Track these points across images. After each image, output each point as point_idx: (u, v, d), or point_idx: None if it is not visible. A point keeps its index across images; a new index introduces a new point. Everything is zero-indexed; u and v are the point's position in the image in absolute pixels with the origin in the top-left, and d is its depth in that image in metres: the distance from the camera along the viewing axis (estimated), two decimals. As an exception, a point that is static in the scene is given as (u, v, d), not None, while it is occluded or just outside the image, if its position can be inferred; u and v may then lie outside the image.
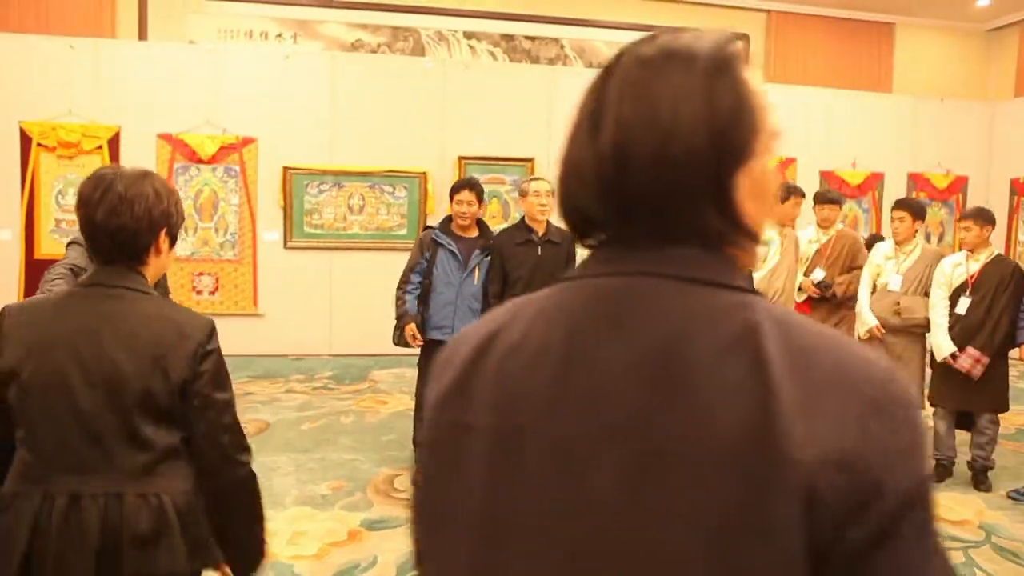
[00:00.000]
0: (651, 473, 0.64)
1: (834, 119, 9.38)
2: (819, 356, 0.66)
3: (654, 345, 0.67)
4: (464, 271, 4.30)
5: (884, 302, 4.79)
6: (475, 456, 0.73)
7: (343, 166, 8.00)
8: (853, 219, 9.34)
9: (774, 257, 4.86)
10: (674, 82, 0.72)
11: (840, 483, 0.62)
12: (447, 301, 4.26)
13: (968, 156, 9.69)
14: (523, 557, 0.68)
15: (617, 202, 0.73)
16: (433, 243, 4.30)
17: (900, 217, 4.81)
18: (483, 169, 8.26)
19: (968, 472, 4.66)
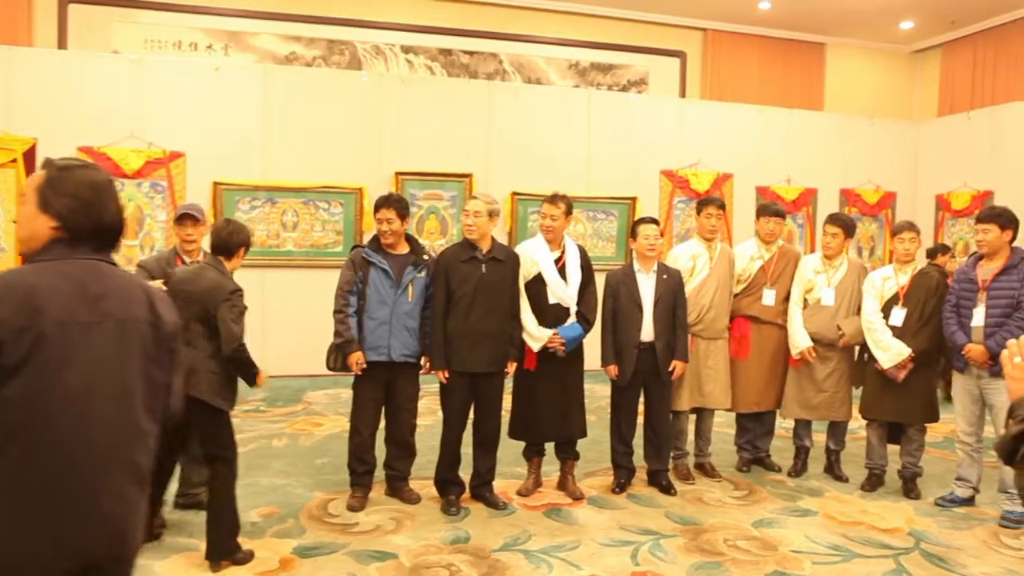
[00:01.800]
0: (124, 333, 1.77)
1: (769, 136, 9.66)
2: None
3: (112, 284, 1.80)
4: (397, 289, 4.24)
5: (819, 317, 4.94)
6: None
7: (276, 181, 7.90)
8: (788, 234, 9.60)
9: (702, 271, 4.95)
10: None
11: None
12: (382, 320, 4.22)
13: (896, 173, 10.09)
14: (82, 388, 1.70)
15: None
16: (364, 262, 4.26)
17: (833, 232, 4.96)
18: (421, 184, 8.25)
19: (899, 481, 4.83)
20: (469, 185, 8.39)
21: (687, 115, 9.40)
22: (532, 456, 4.69)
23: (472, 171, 8.44)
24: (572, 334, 4.40)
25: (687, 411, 4.97)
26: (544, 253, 4.46)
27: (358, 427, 4.32)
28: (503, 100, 8.73)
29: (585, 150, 8.96)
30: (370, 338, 4.23)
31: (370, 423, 4.33)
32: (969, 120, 9.65)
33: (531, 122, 8.77)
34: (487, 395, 4.36)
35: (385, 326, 4.23)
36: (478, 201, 4.34)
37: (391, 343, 4.23)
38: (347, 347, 4.21)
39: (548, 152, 8.75)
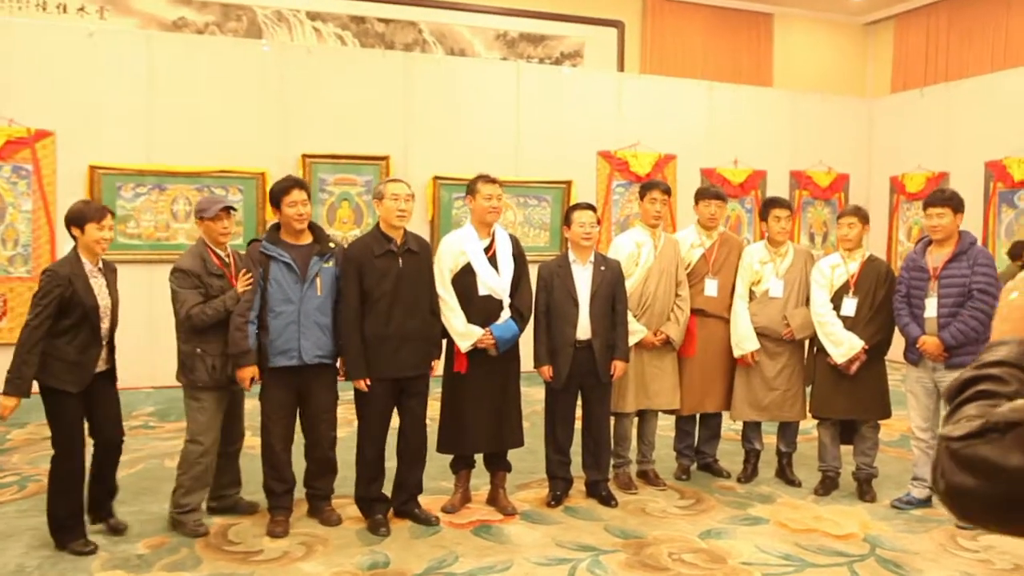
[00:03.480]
0: None
1: (714, 113, 9.88)
2: None
3: None
4: (304, 283, 4.19)
5: (768, 310, 5.08)
6: None
7: (164, 165, 7.70)
8: (736, 220, 9.86)
9: (647, 261, 5.03)
10: None
11: None
12: (289, 320, 4.16)
13: (848, 153, 10.46)
14: None
15: None
16: (264, 256, 4.20)
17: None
18: (332, 168, 8.16)
19: (853, 483, 5.01)
20: (386, 169, 8.34)
21: (626, 91, 9.54)
22: (460, 468, 4.69)
23: (389, 153, 8.39)
24: (506, 334, 4.43)
25: (632, 414, 5.04)
26: (473, 241, 4.47)
27: (270, 442, 4.26)
28: (423, 74, 8.69)
29: (514, 130, 9.00)
30: (277, 341, 4.16)
31: (284, 436, 4.27)
32: (922, 97, 10.07)
33: (454, 99, 8.76)
34: (413, 401, 4.36)
35: (293, 325, 4.17)
36: (402, 184, 4.34)
37: (301, 344, 4.17)
38: (242, 359, 4.13)
39: (473, 132, 8.76)
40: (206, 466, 4.20)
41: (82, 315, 3.89)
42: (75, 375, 3.91)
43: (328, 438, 4.37)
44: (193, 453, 4.18)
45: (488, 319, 4.42)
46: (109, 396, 4.13)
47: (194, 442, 4.18)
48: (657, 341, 4.95)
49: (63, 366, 3.89)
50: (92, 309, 3.91)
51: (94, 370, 3.97)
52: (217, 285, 4.14)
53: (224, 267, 4.21)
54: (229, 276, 4.20)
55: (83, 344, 3.92)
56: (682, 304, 5.04)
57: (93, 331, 3.94)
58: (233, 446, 4.46)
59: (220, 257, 4.23)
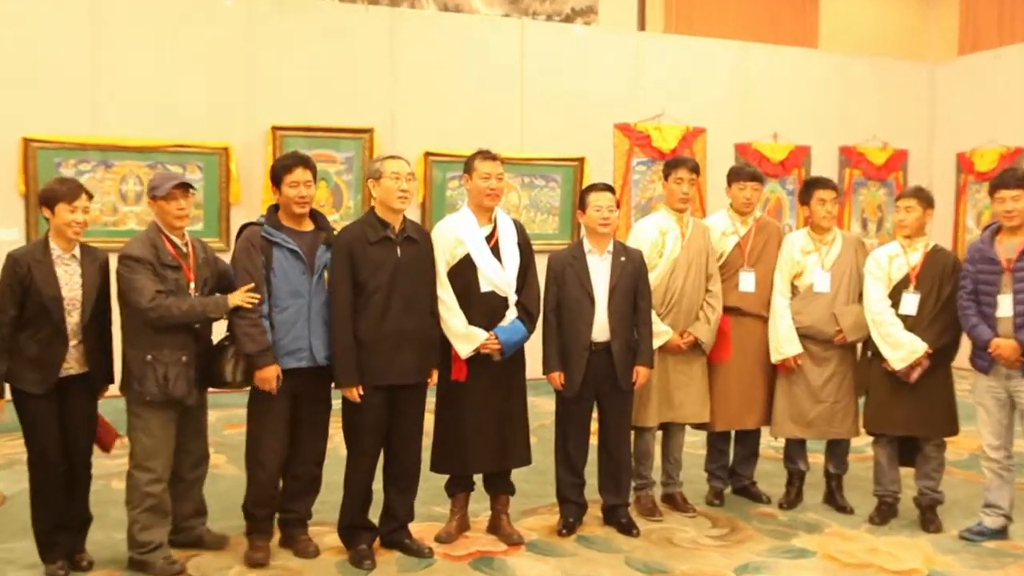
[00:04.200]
0: None
1: (751, 81, 9.86)
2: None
3: None
4: (313, 275, 4.23)
5: (814, 308, 5.06)
6: None
7: (112, 138, 7.69)
8: (776, 204, 9.85)
9: (673, 250, 5.02)
10: None
11: None
12: (298, 316, 4.19)
13: (907, 126, 10.44)
14: None
15: None
16: (266, 243, 4.20)
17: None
18: (307, 143, 8.14)
19: (915, 510, 5.00)
20: (369, 143, 8.33)
21: (647, 53, 9.52)
22: (457, 491, 4.69)
23: (373, 125, 8.38)
24: (513, 337, 4.43)
25: (654, 428, 5.04)
26: (472, 228, 4.47)
27: (261, 459, 4.26)
28: (412, 33, 8.68)
29: (518, 98, 8.99)
30: (284, 339, 4.17)
31: (278, 452, 4.28)
32: (996, 60, 10.02)
33: (449, 62, 8.75)
34: (408, 414, 4.36)
35: (303, 322, 4.19)
36: (402, 161, 4.33)
37: (312, 342, 4.20)
38: (262, 358, 4.11)
39: (471, 101, 8.75)
40: (159, 497, 4.13)
41: (40, 307, 3.90)
42: (37, 374, 3.93)
43: (318, 452, 4.39)
44: (141, 482, 4.10)
45: (491, 319, 4.42)
46: (82, 408, 4.12)
47: (141, 469, 4.10)
48: (684, 344, 4.94)
49: (24, 363, 3.92)
50: (52, 300, 3.91)
51: (58, 371, 3.96)
52: (171, 279, 4.06)
53: (180, 257, 4.13)
54: (186, 269, 4.12)
55: (45, 340, 3.94)
56: (713, 301, 5.03)
57: (55, 326, 3.93)
58: (195, 471, 4.40)
59: (176, 245, 4.15)
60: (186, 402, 4.12)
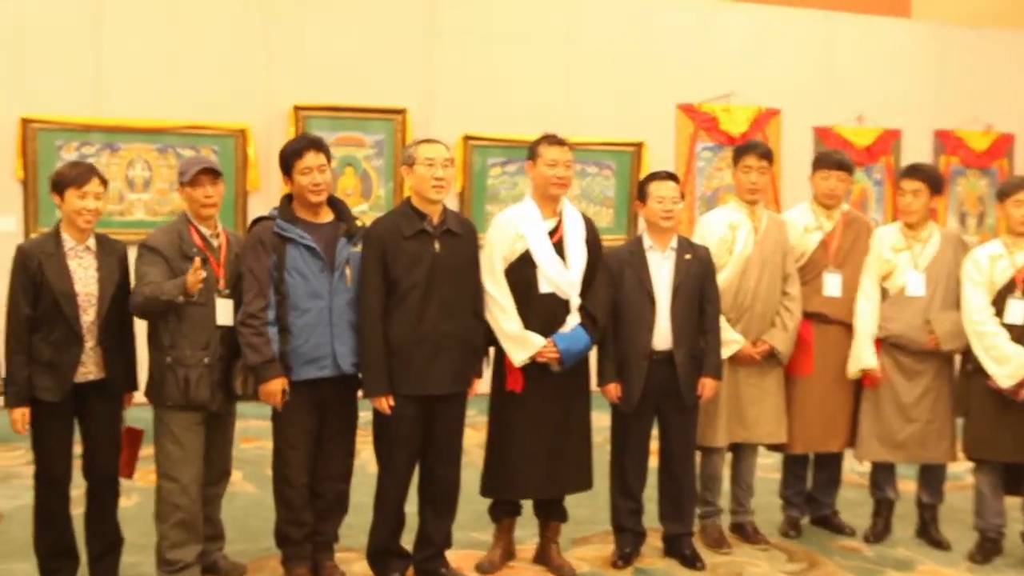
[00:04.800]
0: None
1: (833, 55, 9.78)
2: None
3: None
4: (333, 273, 4.27)
5: (905, 314, 5.01)
6: None
7: (117, 119, 7.80)
8: (861, 195, 9.75)
9: (744, 248, 4.99)
10: None
11: None
12: (319, 320, 4.21)
13: (1014, 107, 10.28)
14: None
15: None
16: (278, 239, 4.23)
17: (914, 189, 5.01)
18: (331, 124, 8.21)
19: (1023, 547, 4.94)
20: (402, 125, 8.37)
21: (715, 23, 9.49)
22: (502, 516, 4.71)
23: (406, 105, 8.43)
24: (575, 345, 4.44)
25: (723, 449, 5.03)
26: (534, 221, 4.49)
27: (287, 476, 4.31)
28: (449, 2, 8.70)
29: (568, 75, 9.00)
30: (304, 346, 4.20)
31: (305, 467, 4.32)
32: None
33: (489, 34, 8.77)
34: (446, 428, 4.38)
35: (324, 327, 4.22)
36: (439, 145, 4.37)
37: (336, 349, 4.23)
38: (265, 371, 4.15)
39: (515, 78, 8.77)
40: (190, 511, 4.19)
41: (52, 303, 3.98)
42: (51, 380, 4.00)
43: (345, 467, 4.44)
44: (170, 494, 4.18)
45: (550, 324, 4.43)
46: (102, 418, 4.19)
47: (167, 479, 4.19)
48: (757, 353, 4.92)
49: (38, 368, 3.99)
50: (65, 296, 3.98)
51: (73, 375, 4.03)
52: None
53: (208, 250, 4.20)
54: (213, 262, 4.19)
55: (59, 341, 4.01)
56: (791, 305, 5.01)
57: (69, 325, 4.01)
58: (215, 487, 4.47)
59: (204, 237, 4.22)
60: (210, 407, 4.18)
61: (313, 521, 4.40)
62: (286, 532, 4.35)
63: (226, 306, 4.20)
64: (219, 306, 4.18)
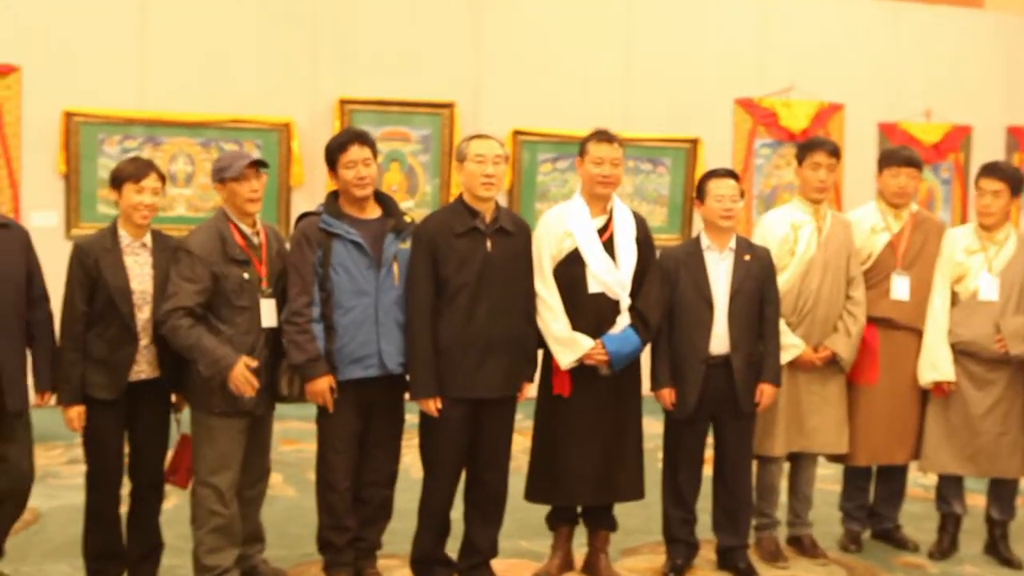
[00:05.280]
0: None
1: (899, 47, 9.67)
2: None
3: None
4: (380, 269, 4.29)
5: (977, 320, 4.95)
6: None
7: (160, 112, 7.90)
8: (927, 194, 9.64)
9: (807, 249, 4.95)
10: None
11: None
12: (364, 318, 4.25)
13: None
14: None
15: None
16: (324, 235, 4.27)
17: (995, 190, 4.95)
18: (377, 118, 8.25)
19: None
20: (449, 120, 8.40)
21: (775, 13, 9.41)
22: (560, 524, 4.73)
23: (454, 99, 8.45)
24: (625, 348, 4.43)
25: (781, 458, 5.01)
26: (583, 219, 4.49)
27: (331, 480, 4.34)
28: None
29: (622, 68, 8.97)
30: (350, 345, 4.23)
31: (349, 471, 4.36)
32: None
33: (541, 25, 8.77)
34: (495, 432, 4.40)
35: (370, 325, 4.25)
36: (491, 141, 4.38)
37: (382, 348, 4.25)
38: (311, 369, 4.19)
39: (566, 71, 8.77)
40: (227, 517, 4.23)
41: (107, 300, 4.05)
42: (106, 378, 4.08)
43: (389, 472, 4.47)
44: (207, 500, 4.21)
45: (599, 326, 4.43)
46: (153, 418, 4.26)
47: (205, 485, 4.22)
48: (819, 360, 4.88)
49: (92, 366, 4.08)
50: (120, 293, 4.05)
51: (127, 374, 4.09)
52: (235, 276, 4.14)
53: (250, 250, 4.23)
54: (256, 263, 4.22)
55: (114, 339, 4.08)
56: (855, 309, 4.97)
57: (124, 322, 4.07)
58: (253, 488, 4.50)
59: (245, 235, 4.25)
60: (255, 413, 4.23)
61: (356, 527, 4.43)
62: (328, 538, 4.38)
63: (270, 306, 4.23)
64: (263, 307, 4.21)
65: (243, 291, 4.14)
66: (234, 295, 4.12)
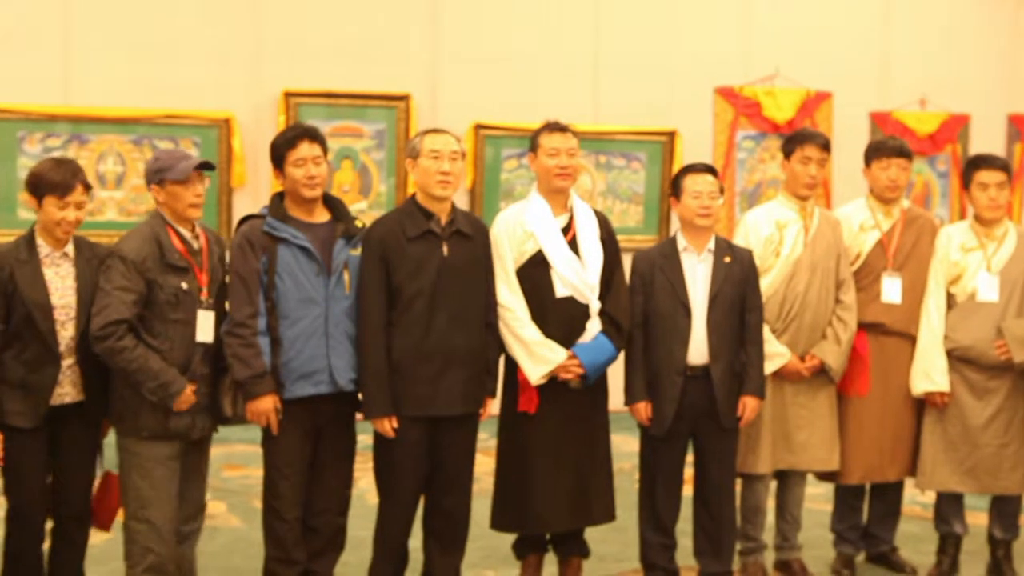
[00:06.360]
0: None
1: (892, 30, 9.72)
2: None
3: None
4: (329, 277, 4.29)
5: (975, 322, 4.98)
6: None
7: (87, 108, 7.84)
8: (923, 188, 9.71)
9: (793, 249, 4.97)
10: None
11: None
12: (312, 329, 4.23)
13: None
14: None
15: None
16: (269, 239, 4.24)
17: (1000, 182, 4.96)
18: (326, 112, 8.23)
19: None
20: (405, 113, 8.38)
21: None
22: (528, 552, 4.73)
23: (409, 91, 8.43)
24: (600, 357, 4.45)
25: (767, 477, 5.02)
26: (544, 218, 4.50)
27: (278, 508, 4.30)
28: (459, -26, 8.72)
29: (592, 56, 8.98)
30: (297, 360, 4.22)
31: (298, 498, 4.33)
32: None
33: (503, 11, 8.77)
34: (455, 453, 4.40)
35: (319, 337, 4.24)
36: (447, 136, 4.40)
37: (332, 362, 4.24)
38: (254, 386, 4.16)
39: (532, 60, 8.76)
40: (163, 554, 4.15)
41: (25, 317, 3.98)
42: (24, 404, 4.00)
43: (342, 498, 4.44)
44: (141, 536, 4.14)
45: (569, 332, 4.45)
46: (78, 445, 4.18)
47: (138, 519, 4.14)
48: (806, 370, 4.91)
49: (7, 391, 4.00)
50: (38, 308, 3.99)
51: (49, 398, 4.03)
52: (172, 285, 4.08)
53: (190, 255, 4.17)
54: (196, 271, 4.17)
55: (33, 360, 4.01)
56: (845, 315, 5.00)
57: (44, 341, 4.01)
58: (188, 524, 4.41)
59: (185, 240, 4.19)
60: (190, 436, 4.16)
61: (306, 559, 4.40)
62: (276, 571, 4.35)
63: (208, 319, 4.18)
64: (200, 319, 4.15)
65: (179, 302, 4.09)
66: (169, 307, 4.06)
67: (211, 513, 4.89)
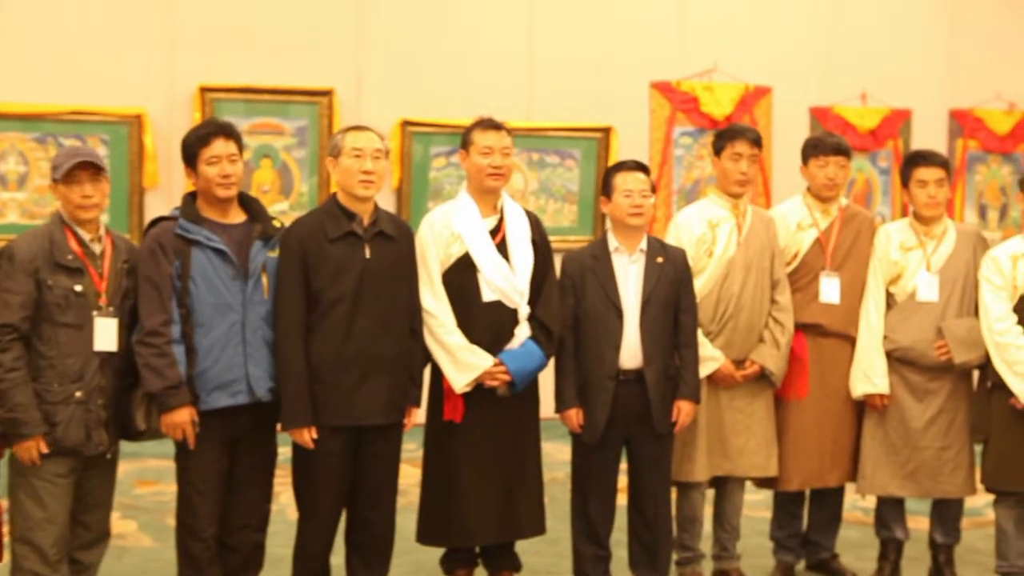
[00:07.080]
0: None
1: (834, 22, 9.82)
2: None
3: None
4: (246, 281, 4.26)
5: (916, 322, 5.04)
6: None
7: (-13, 104, 7.76)
8: (865, 186, 9.83)
9: (726, 249, 5.01)
10: None
11: None
12: (229, 337, 4.21)
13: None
14: None
15: None
16: (181, 242, 4.20)
17: (939, 179, 5.03)
18: (245, 108, 8.19)
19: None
20: (329, 109, 8.36)
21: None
22: (456, 568, 4.74)
23: (333, 85, 8.41)
24: (528, 364, 4.48)
25: (703, 484, 5.06)
26: (472, 219, 4.53)
27: (193, 526, 4.26)
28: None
29: (525, 50, 9.01)
30: (213, 369, 4.19)
31: (214, 515, 4.28)
32: None
33: (431, 2, 8.77)
34: (378, 464, 4.40)
35: (236, 345, 4.22)
36: (372, 133, 4.40)
37: (250, 371, 4.22)
38: (168, 398, 4.12)
39: (461, 54, 8.77)
40: None
41: None
42: None
43: (261, 514, 4.42)
44: (26, 561, 4.05)
45: (497, 338, 4.47)
46: None
47: (24, 543, 4.06)
48: (742, 376, 4.97)
49: None
50: None
51: None
52: (63, 286, 4.01)
53: (86, 257, 4.11)
54: (93, 274, 4.11)
55: None
56: (781, 316, 5.05)
57: None
58: (89, 551, 4.31)
59: (82, 241, 4.12)
60: (84, 452, 4.07)
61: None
62: None
63: (108, 326, 4.10)
64: (98, 327, 4.08)
65: (69, 305, 4.02)
66: (58, 309, 4.00)
67: (121, 532, 4.85)
